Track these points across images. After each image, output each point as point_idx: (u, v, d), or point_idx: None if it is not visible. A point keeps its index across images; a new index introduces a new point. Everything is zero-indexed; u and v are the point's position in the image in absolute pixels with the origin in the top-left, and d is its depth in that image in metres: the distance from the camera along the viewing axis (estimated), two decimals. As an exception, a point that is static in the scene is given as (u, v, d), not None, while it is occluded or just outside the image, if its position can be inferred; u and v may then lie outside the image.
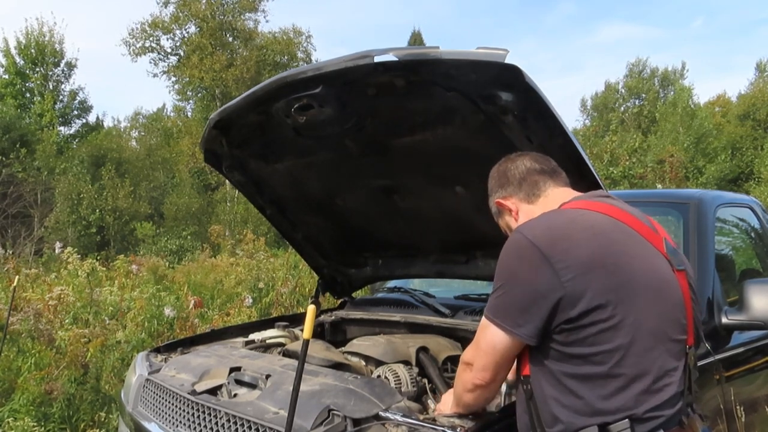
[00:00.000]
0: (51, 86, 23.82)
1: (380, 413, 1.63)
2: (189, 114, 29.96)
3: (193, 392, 1.95)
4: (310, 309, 1.50)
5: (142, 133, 30.04)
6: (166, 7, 25.65)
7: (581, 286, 1.28)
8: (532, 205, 1.55)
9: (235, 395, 1.92)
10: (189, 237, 17.45)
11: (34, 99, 23.76)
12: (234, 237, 11.54)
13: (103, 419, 3.91)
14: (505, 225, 1.65)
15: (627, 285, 1.30)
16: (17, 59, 23.17)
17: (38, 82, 23.61)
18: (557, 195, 1.53)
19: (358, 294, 3.46)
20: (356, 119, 2.01)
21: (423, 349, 2.29)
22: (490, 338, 1.39)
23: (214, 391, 1.96)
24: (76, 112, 25.10)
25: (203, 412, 1.87)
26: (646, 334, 1.31)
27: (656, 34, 59.62)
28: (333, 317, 3.00)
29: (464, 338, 2.41)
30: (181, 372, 2.17)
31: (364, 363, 2.30)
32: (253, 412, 1.73)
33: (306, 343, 1.49)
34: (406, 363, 2.20)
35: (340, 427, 1.58)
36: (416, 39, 29.22)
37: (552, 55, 63.06)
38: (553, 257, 1.30)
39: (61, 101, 24.41)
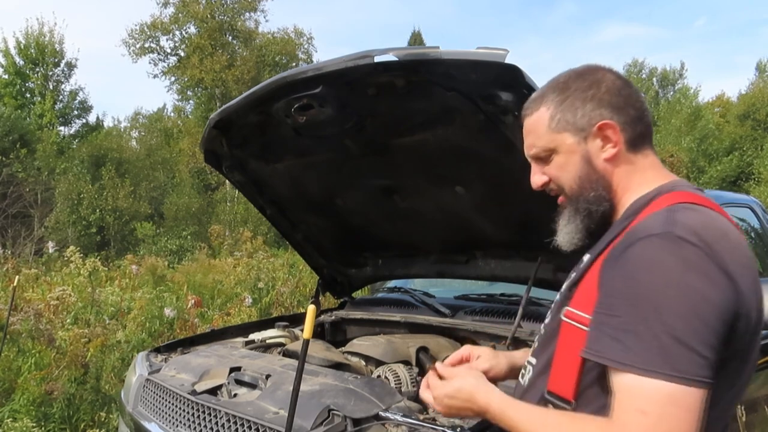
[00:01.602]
0: (51, 86, 23.80)
1: (380, 413, 1.63)
2: (189, 114, 29.95)
3: (193, 392, 1.95)
4: (310, 309, 1.50)
5: (142, 133, 30.00)
6: (165, 8, 25.66)
7: (752, 315, 0.98)
8: (631, 154, 1.13)
9: (235, 395, 1.92)
10: (189, 237, 17.45)
11: (34, 99, 23.75)
12: (233, 237, 11.53)
13: (103, 419, 3.91)
14: (571, 151, 1.15)
15: (759, 313, 1.03)
16: (17, 59, 23.16)
17: (38, 83, 23.59)
18: (655, 164, 1.16)
19: (358, 294, 3.46)
20: (356, 119, 2.02)
21: (423, 349, 2.29)
22: (682, 405, 0.88)
23: (214, 391, 1.96)
24: (76, 112, 25.07)
25: (203, 412, 1.87)
26: (748, 370, 1.04)
27: (658, 34, 59.65)
28: (333, 317, 3.00)
29: (464, 338, 2.41)
30: (181, 372, 2.17)
31: (364, 363, 2.30)
32: (253, 412, 1.73)
33: (306, 343, 1.49)
34: (406, 363, 2.20)
35: (340, 427, 1.58)
36: (416, 39, 29.18)
37: (554, 55, 62.93)
38: (732, 271, 0.94)
39: (61, 101, 24.39)
